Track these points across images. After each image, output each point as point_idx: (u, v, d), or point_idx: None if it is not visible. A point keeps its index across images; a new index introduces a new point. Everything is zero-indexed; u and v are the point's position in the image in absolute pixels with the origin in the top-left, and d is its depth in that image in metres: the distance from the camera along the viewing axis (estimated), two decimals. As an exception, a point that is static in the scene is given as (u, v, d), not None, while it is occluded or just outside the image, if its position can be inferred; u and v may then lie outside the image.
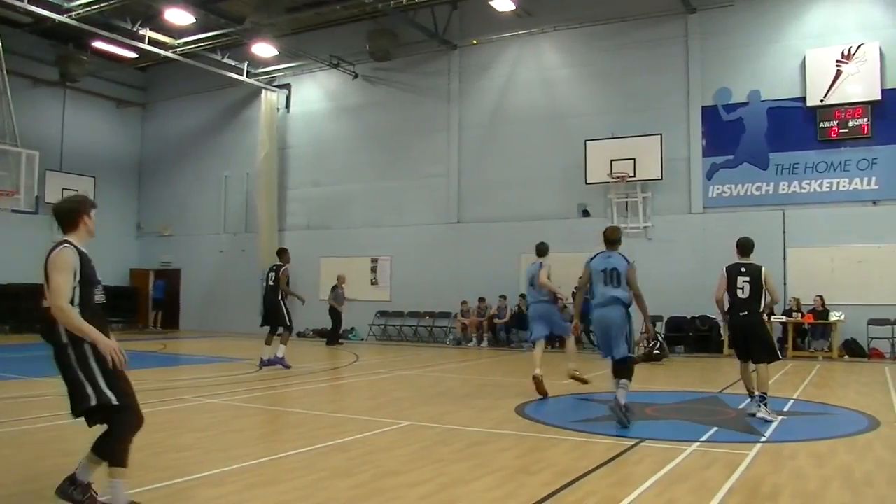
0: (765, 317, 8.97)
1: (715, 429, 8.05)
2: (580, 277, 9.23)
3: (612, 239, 8.86)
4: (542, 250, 12.01)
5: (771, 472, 6.10)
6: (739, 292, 8.77)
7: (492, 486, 5.58)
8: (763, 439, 7.48)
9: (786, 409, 9.62)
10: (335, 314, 20.70)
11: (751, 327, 8.78)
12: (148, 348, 19.37)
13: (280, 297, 14.28)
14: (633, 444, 7.15)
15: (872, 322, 16.71)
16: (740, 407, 9.68)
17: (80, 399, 4.77)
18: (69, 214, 5.32)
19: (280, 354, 13.98)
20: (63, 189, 25.86)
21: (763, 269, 8.80)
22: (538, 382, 10.49)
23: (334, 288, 20.86)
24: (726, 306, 8.99)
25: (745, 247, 9.08)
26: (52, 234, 26.16)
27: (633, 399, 10.51)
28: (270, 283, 14.51)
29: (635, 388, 11.41)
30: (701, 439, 7.41)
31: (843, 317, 16.90)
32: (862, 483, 5.75)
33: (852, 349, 16.97)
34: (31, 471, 6.00)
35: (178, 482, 5.63)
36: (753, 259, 8.99)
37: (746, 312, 8.75)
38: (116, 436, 4.84)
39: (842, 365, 15.77)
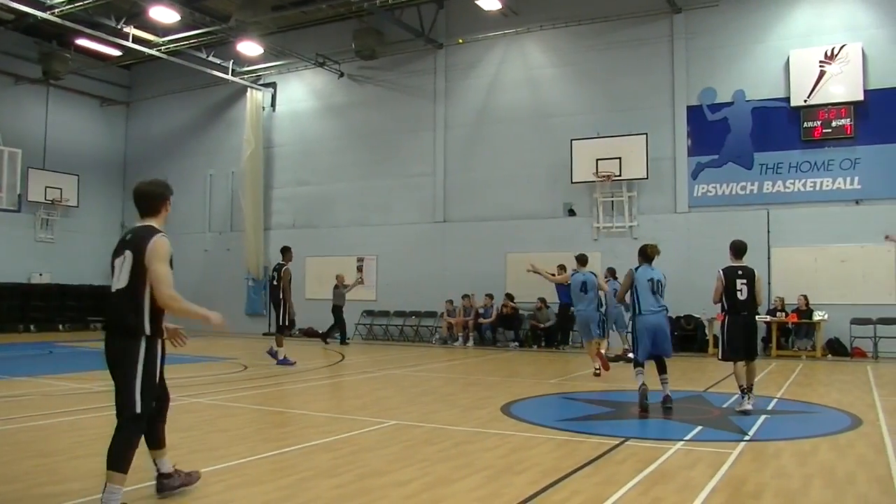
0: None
1: (699, 428, 8.09)
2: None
3: (651, 255, 9.82)
4: (585, 260, 13.15)
5: (754, 470, 6.13)
6: (739, 294, 9.17)
7: (477, 486, 5.58)
8: (747, 438, 7.52)
9: (769, 407, 9.68)
10: (338, 313, 20.66)
11: (752, 327, 9.35)
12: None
13: (282, 296, 14.55)
14: (617, 443, 7.17)
15: (855, 321, 16.81)
16: (724, 406, 9.73)
17: (131, 404, 4.75)
18: (157, 199, 5.36)
19: (280, 356, 14.46)
20: (46, 187, 25.75)
21: (756, 271, 9.30)
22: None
23: (336, 287, 20.74)
24: (725, 307, 9.36)
25: (739, 250, 9.50)
26: (35, 232, 25.88)
27: (617, 398, 10.60)
28: (274, 282, 14.75)
29: (619, 387, 11.47)
30: (685, 438, 7.44)
31: (826, 316, 17.00)
32: (844, 481, 5.79)
33: (835, 348, 17.08)
34: (11, 471, 5.94)
35: (161, 482, 5.59)
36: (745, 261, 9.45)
37: (747, 313, 9.20)
38: (124, 438, 4.82)
39: (825, 364, 15.86)
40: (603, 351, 13.14)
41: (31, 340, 21.17)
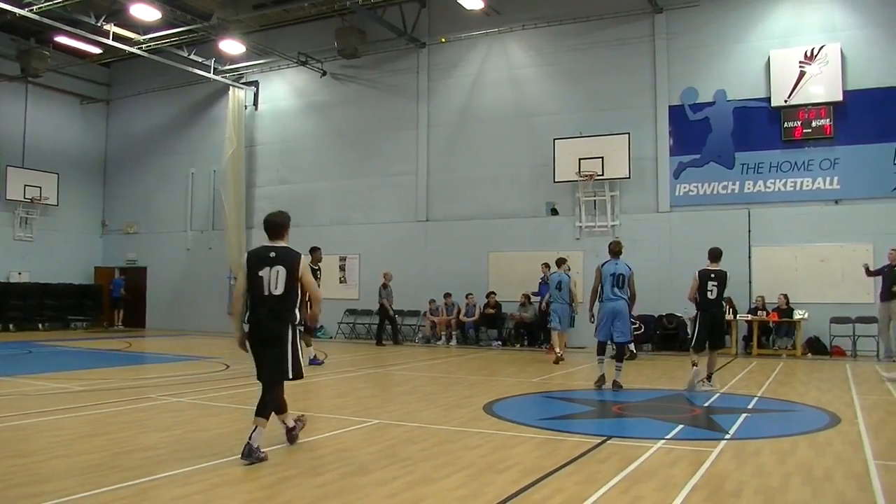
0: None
1: (680, 426, 8.13)
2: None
3: (618, 251, 11.74)
4: (562, 262, 15.61)
5: (735, 468, 6.17)
6: (709, 294, 10.89)
7: (459, 485, 5.58)
8: (727, 436, 7.57)
9: (750, 406, 9.75)
10: (384, 312, 20.49)
11: (720, 320, 11.17)
12: (113, 347, 19.15)
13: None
14: (599, 441, 7.19)
15: (834, 320, 16.96)
16: (705, 405, 9.80)
17: (284, 372, 6.55)
18: (284, 227, 6.89)
19: (311, 355, 14.22)
20: (25, 186, 25.53)
21: (727, 274, 11.04)
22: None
23: (384, 286, 20.49)
24: (697, 304, 11.13)
25: (715, 255, 11.21)
26: (14, 230, 25.66)
27: (601, 397, 10.65)
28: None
29: (602, 387, 11.51)
30: (666, 437, 7.47)
31: (806, 315, 17.13)
32: (822, 478, 5.84)
33: (815, 347, 17.21)
34: (-9, 472, 5.89)
35: (142, 482, 5.56)
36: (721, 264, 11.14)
37: (715, 310, 10.97)
38: (275, 396, 6.70)
39: (805, 363, 15.98)
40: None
41: (9, 340, 20.98)
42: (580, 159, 19.69)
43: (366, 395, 10.68)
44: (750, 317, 17.54)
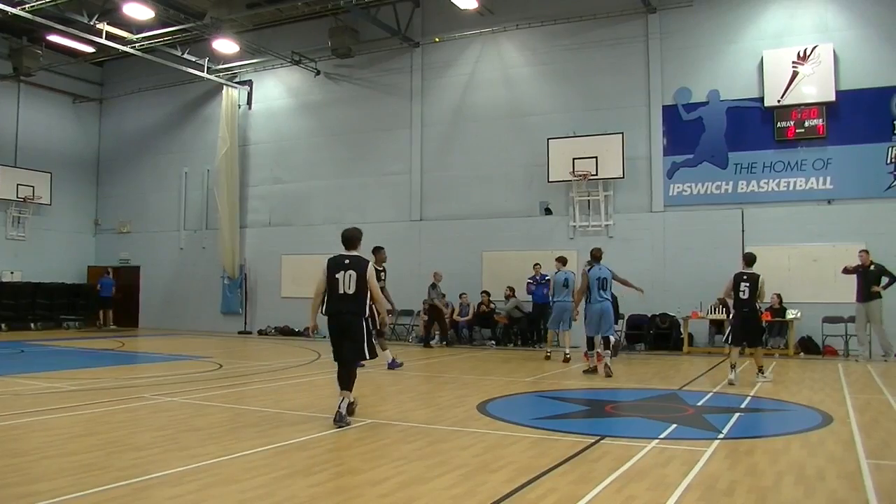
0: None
1: (674, 426, 8.14)
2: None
3: (599, 257, 13.12)
4: (565, 260, 15.82)
5: (728, 468, 6.19)
6: (741, 294, 11.96)
7: (452, 484, 5.59)
8: (720, 436, 7.58)
9: (743, 405, 9.77)
10: (436, 312, 19.98)
11: (754, 319, 12.09)
12: (105, 346, 19.11)
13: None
14: (592, 441, 7.20)
15: (827, 320, 17.00)
16: (698, 404, 9.82)
17: (362, 353, 8.23)
18: (358, 240, 8.76)
19: (389, 359, 13.83)
20: (18, 185, 25.45)
21: (761, 277, 11.99)
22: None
23: (433, 286, 20.06)
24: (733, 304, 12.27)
25: (749, 260, 12.34)
26: (6, 229, 25.64)
27: (594, 397, 10.67)
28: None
29: (596, 386, 11.54)
30: (660, 436, 7.48)
31: (798, 314, 17.19)
32: (814, 478, 5.86)
33: (807, 346, 17.27)
34: (-17, 472, 5.87)
35: (135, 482, 5.56)
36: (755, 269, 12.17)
37: (748, 309, 11.97)
38: (353, 372, 8.34)
39: (797, 362, 16.02)
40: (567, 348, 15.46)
41: (1, 339, 20.93)
42: (574, 159, 19.70)
43: (359, 394, 10.67)
44: (743, 316, 17.56)
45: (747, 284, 11.92)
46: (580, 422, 9.01)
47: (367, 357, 8.25)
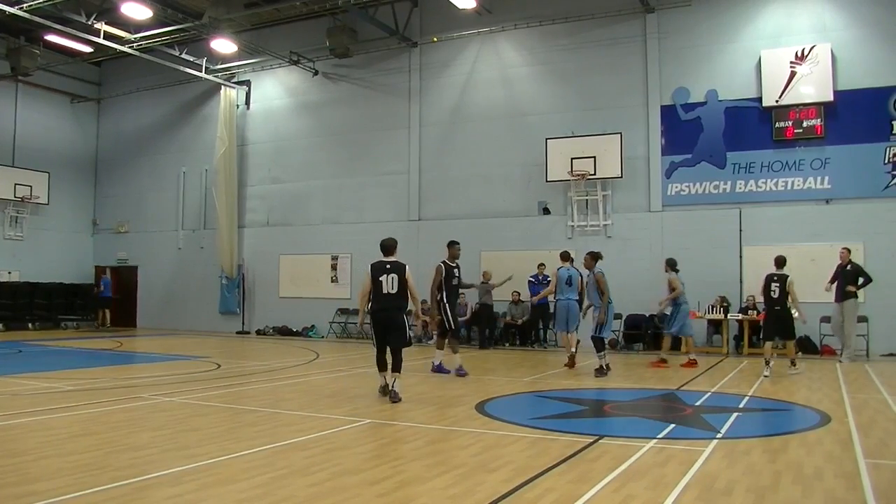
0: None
1: (672, 425, 8.14)
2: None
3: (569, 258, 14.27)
4: (568, 256, 15.02)
5: (726, 467, 6.18)
6: (772, 293, 13.10)
7: (450, 484, 5.58)
8: (718, 436, 7.58)
9: (741, 405, 9.77)
10: (486, 310, 19.60)
11: (784, 315, 13.12)
12: (103, 346, 19.09)
13: (440, 297, 12.92)
14: (591, 441, 7.20)
15: (824, 319, 16.98)
16: (696, 404, 9.83)
17: (406, 341, 9.95)
18: (395, 247, 10.41)
19: (437, 361, 13.18)
20: (16, 184, 25.42)
21: (789, 277, 13.11)
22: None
23: (483, 282, 19.32)
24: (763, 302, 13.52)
25: (779, 262, 13.41)
26: (4, 229, 25.60)
27: (592, 396, 10.67)
28: (454, 280, 13.19)
29: (593, 386, 11.54)
30: (658, 436, 7.48)
31: (797, 314, 17.15)
32: (812, 477, 5.86)
33: (805, 346, 17.25)
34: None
35: (134, 482, 5.55)
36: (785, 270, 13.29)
37: (778, 307, 13.09)
38: (401, 357, 9.88)
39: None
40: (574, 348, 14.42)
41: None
42: (572, 159, 19.71)
43: (357, 394, 10.67)
44: (741, 316, 17.59)
45: (777, 284, 13.05)
46: (578, 421, 9.00)
47: (409, 344, 9.99)
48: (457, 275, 13.11)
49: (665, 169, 19.35)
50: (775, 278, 13.15)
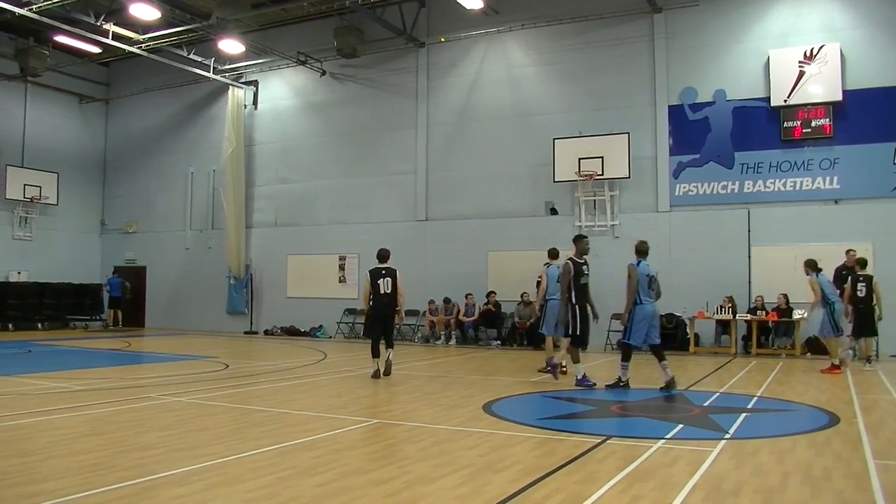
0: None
1: (680, 426, 8.12)
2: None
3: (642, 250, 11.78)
4: (556, 254, 14.16)
5: (734, 468, 6.16)
6: (859, 292, 13.96)
7: (458, 484, 5.58)
8: (726, 436, 7.56)
9: (749, 405, 9.75)
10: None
11: (868, 313, 14.01)
12: (112, 346, 19.15)
13: (569, 300, 11.51)
14: (598, 441, 7.18)
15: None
16: (704, 404, 9.80)
17: (393, 332, 12.50)
18: (388, 256, 12.58)
19: (556, 360, 12.16)
20: (25, 185, 25.53)
21: (874, 278, 14.19)
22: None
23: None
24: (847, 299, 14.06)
25: (863, 264, 14.30)
26: (13, 229, 25.66)
27: (600, 397, 10.64)
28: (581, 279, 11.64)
29: (602, 386, 11.51)
30: (666, 436, 7.46)
31: (805, 315, 17.10)
32: (820, 478, 5.84)
33: (814, 347, 17.17)
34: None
35: (141, 481, 5.56)
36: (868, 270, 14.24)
37: (863, 305, 13.94)
38: (391, 339, 12.30)
39: (804, 362, 15.96)
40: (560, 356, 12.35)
41: (8, 339, 20.98)
42: (580, 159, 19.68)
43: (364, 394, 10.68)
44: (749, 316, 17.53)
45: (864, 284, 14.01)
46: (586, 422, 8.99)
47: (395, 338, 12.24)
48: (586, 272, 11.66)
49: (673, 169, 19.30)
50: (861, 279, 14.08)
